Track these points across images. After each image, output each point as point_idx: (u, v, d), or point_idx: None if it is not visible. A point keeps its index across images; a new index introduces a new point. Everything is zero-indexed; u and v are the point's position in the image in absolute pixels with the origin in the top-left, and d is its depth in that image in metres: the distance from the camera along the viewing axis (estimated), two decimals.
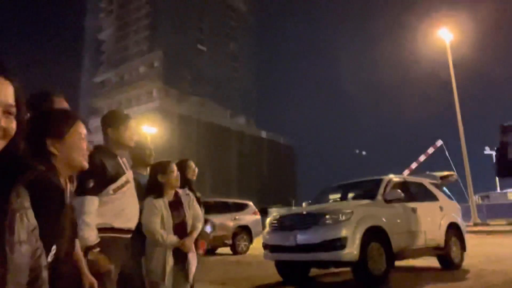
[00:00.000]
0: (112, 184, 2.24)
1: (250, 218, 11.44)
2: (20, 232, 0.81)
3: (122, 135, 2.38)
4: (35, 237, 0.90)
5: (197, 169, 3.53)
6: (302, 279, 5.86)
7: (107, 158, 2.30)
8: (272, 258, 5.71)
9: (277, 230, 5.63)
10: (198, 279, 5.59)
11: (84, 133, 1.33)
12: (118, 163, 2.35)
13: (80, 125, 1.32)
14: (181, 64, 64.75)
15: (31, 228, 0.88)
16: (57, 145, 1.25)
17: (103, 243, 2.16)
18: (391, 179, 6.16)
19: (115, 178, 2.26)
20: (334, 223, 4.99)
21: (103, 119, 2.45)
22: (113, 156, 2.35)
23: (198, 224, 2.72)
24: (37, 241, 0.91)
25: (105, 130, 2.41)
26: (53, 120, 1.28)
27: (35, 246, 0.89)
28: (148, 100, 62.27)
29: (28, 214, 0.88)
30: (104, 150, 2.38)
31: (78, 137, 1.30)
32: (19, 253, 0.79)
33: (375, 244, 5.05)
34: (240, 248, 10.84)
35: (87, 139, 1.34)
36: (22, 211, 0.85)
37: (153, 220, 2.47)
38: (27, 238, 0.84)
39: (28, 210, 0.88)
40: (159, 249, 2.48)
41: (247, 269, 7.37)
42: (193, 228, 2.67)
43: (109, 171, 2.26)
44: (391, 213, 5.54)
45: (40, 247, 0.92)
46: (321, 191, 7.29)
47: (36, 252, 0.90)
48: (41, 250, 0.92)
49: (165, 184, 2.59)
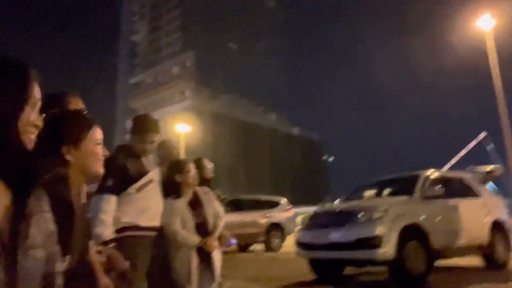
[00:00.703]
0: (135, 184, 2.27)
1: (283, 216, 11.37)
2: (35, 237, 0.80)
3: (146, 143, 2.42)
4: (51, 242, 0.88)
5: (212, 165, 3.49)
6: (337, 278, 5.74)
7: (130, 157, 2.33)
8: (305, 255, 5.64)
9: (310, 228, 5.55)
10: (231, 276, 5.63)
11: (100, 138, 1.29)
12: (142, 162, 2.38)
13: (96, 130, 1.29)
14: (212, 63, 65.55)
15: (48, 232, 0.86)
16: (72, 152, 1.22)
17: (129, 242, 2.19)
18: (430, 174, 5.90)
19: (137, 178, 2.29)
20: (368, 221, 4.84)
21: (136, 121, 2.49)
22: (136, 156, 2.39)
23: (219, 222, 2.70)
24: (53, 246, 0.89)
25: (133, 132, 2.46)
26: (69, 126, 1.25)
27: (51, 251, 0.88)
28: (181, 99, 63.51)
29: (46, 218, 0.86)
30: (127, 150, 2.42)
31: (93, 143, 1.26)
32: (32, 258, 0.78)
33: (412, 243, 4.85)
34: (273, 245, 10.81)
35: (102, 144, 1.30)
36: (40, 215, 0.84)
37: (173, 220, 2.46)
38: (43, 242, 0.82)
39: (47, 214, 0.87)
40: (182, 250, 2.47)
41: (280, 267, 7.32)
42: (214, 226, 2.65)
43: (131, 171, 2.29)
44: (429, 211, 5.31)
45: (56, 253, 0.90)
46: (355, 187, 7.11)
47: (52, 257, 0.88)
48: (57, 256, 0.91)
49: (182, 184, 2.57)
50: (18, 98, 0.76)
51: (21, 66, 0.79)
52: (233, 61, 69.62)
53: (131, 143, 2.46)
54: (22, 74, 0.78)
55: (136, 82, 72.89)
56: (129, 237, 2.21)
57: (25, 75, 0.78)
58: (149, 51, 71.61)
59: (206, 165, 3.36)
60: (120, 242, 2.21)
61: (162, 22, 70.89)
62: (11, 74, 0.76)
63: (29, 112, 0.78)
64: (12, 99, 0.74)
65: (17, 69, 0.78)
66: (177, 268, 2.45)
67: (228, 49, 70.23)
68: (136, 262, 2.18)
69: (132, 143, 2.45)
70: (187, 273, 2.44)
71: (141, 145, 2.40)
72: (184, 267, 2.44)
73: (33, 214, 0.81)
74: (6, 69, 0.76)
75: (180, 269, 2.45)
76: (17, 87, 0.76)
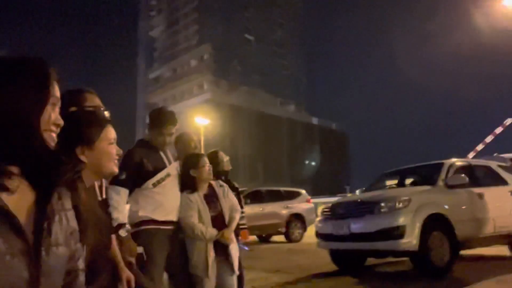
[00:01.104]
0: (152, 178, 2.29)
1: (303, 206, 11.36)
2: (58, 234, 0.81)
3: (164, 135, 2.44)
4: (74, 240, 0.89)
5: (228, 158, 3.46)
6: (358, 268, 5.69)
7: (148, 152, 2.36)
8: (325, 246, 5.60)
9: (329, 219, 5.50)
10: (251, 267, 5.66)
11: (114, 138, 1.29)
12: (160, 157, 2.40)
13: (110, 130, 1.29)
14: (229, 55, 65.56)
15: (70, 230, 0.86)
16: (86, 152, 1.22)
17: (146, 235, 2.21)
18: (454, 163, 5.73)
19: (154, 172, 2.31)
20: (390, 211, 4.75)
21: (151, 116, 2.51)
22: (155, 150, 2.40)
23: (235, 214, 2.70)
24: (75, 244, 0.89)
25: (150, 126, 2.48)
26: (83, 127, 1.25)
27: (74, 249, 0.88)
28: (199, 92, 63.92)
29: (68, 215, 0.87)
30: (146, 145, 2.44)
31: (107, 143, 1.26)
32: (55, 255, 0.78)
33: (437, 233, 4.75)
34: (294, 236, 10.82)
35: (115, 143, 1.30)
36: (62, 212, 0.84)
37: (190, 214, 2.47)
38: (65, 240, 0.83)
39: (69, 211, 0.87)
40: (199, 243, 2.48)
41: (301, 257, 7.31)
42: (231, 219, 2.64)
43: (148, 166, 2.30)
44: (454, 200, 5.17)
45: (78, 250, 0.91)
46: (376, 177, 6.99)
47: (74, 255, 0.88)
48: (79, 253, 0.91)
49: (197, 178, 2.57)
50: (38, 98, 0.76)
51: (41, 66, 0.79)
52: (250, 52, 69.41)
53: (149, 138, 2.48)
54: (42, 73, 0.79)
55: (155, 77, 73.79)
56: (145, 230, 2.24)
57: (46, 74, 0.79)
58: (167, 46, 72.23)
59: (222, 158, 3.34)
60: (137, 236, 2.24)
61: (179, 15, 71.23)
62: (32, 73, 0.77)
63: (50, 111, 0.79)
64: (33, 99, 0.75)
65: (38, 69, 0.78)
66: (195, 261, 2.47)
67: (245, 40, 69.99)
68: (154, 255, 2.21)
69: (151, 138, 2.46)
70: (205, 266, 2.45)
71: (160, 138, 2.41)
72: (201, 260, 2.45)
73: (55, 212, 0.82)
74: (27, 69, 0.77)
75: (197, 262, 2.46)
76: (38, 86, 0.77)
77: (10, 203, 0.71)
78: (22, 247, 0.71)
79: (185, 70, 69.02)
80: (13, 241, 0.70)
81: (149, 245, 2.22)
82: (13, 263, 0.69)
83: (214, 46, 64.56)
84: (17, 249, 0.70)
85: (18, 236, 0.71)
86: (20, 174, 0.76)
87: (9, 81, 0.74)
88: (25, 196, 0.77)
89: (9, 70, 0.75)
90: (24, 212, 0.75)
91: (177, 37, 71.53)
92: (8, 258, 0.68)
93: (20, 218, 0.72)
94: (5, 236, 0.69)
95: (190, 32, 69.12)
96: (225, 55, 65.03)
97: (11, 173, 0.74)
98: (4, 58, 0.77)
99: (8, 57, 0.78)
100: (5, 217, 0.70)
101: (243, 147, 56.10)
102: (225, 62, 65.03)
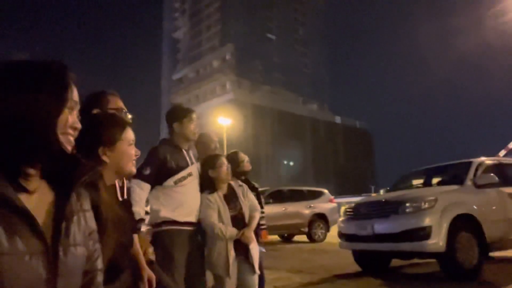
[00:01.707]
0: (173, 176, 2.30)
1: (326, 206, 11.23)
2: (76, 235, 0.82)
3: (187, 128, 2.44)
4: (92, 240, 0.90)
5: (247, 158, 3.44)
6: (383, 270, 5.57)
7: (171, 151, 2.38)
8: (347, 247, 5.52)
9: (353, 219, 5.41)
10: (274, 267, 5.64)
11: (133, 139, 1.36)
12: (183, 156, 2.41)
13: (129, 131, 1.35)
14: (251, 54, 65.67)
15: (88, 231, 0.88)
16: (108, 153, 1.29)
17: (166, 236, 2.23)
18: (483, 161, 5.53)
19: (175, 171, 2.32)
20: (415, 211, 4.62)
21: (168, 115, 2.53)
22: (178, 149, 2.42)
23: (255, 213, 2.69)
24: (94, 244, 0.91)
25: (171, 125, 2.49)
26: (105, 128, 1.31)
27: (92, 249, 0.89)
28: (222, 92, 64.37)
29: (87, 216, 0.88)
30: (169, 143, 2.46)
31: (127, 144, 1.33)
32: (73, 256, 0.79)
33: (465, 234, 4.60)
34: (316, 236, 10.72)
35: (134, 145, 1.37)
36: (81, 213, 0.86)
37: (210, 214, 2.47)
38: (83, 241, 0.84)
39: (87, 212, 0.89)
40: (220, 243, 2.48)
41: (324, 258, 7.24)
42: (250, 218, 2.64)
43: (171, 163, 2.32)
44: (483, 200, 4.98)
45: (97, 250, 0.92)
46: (402, 176, 6.82)
47: (93, 255, 0.90)
48: (98, 254, 0.92)
49: (216, 178, 2.58)
50: (57, 102, 0.78)
51: (60, 70, 0.80)
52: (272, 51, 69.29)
53: (172, 138, 2.50)
54: (61, 78, 0.80)
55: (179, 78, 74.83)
56: (167, 231, 2.26)
57: (64, 79, 0.80)
58: (190, 46, 73.12)
59: (242, 159, 3.33)
60: (158, 236, 2.26)
61: (202, 16, 71.98)
62: (51, 78, 0.78)
63: (67, 115, 0.80)
64: (51, 103, 0.77)
65: (57, 73, 0.80)
66: (215, 261, 2.47)
67: (267, 39, 69.93)
68: (174, 256, 2.23)
69: (172, 137, 2.48)
70: (226, 266, 2.45)
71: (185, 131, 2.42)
72: (222, 260, 2.45)
73: (74, 213, 0.83)
74: (46, 73, 0.78)
75: (218, 261, 2.46)
76: (57, 91, 0.78)
77: (29, 204, 0.73)
78: (41, 248, 0.73)
79: (207, 70, 69.67)
80: (32, 242, 0.72)
81: (170, 246, 2.24)
82: (32, 263, 0.70)
83: (236, 46, 64.86)
84: (35, 249, 0.72)
85: (37, 237, 0.72)
86: (38, 176, 0.78)
87: (29, 85, 0.76)
88: (44, 197, 0.79)
89: (29, 74, 0.77)
90: (43, 212, 0.77)
91: (200, 38, 72.29)
92: (27, 258, 0.70)
93: (39, 219, 0.74)
94: (25, 236, 0.71)
95: (213, 32, 69.71)
96: (247, 54, 65.20)
97: (29, 175, 0.76)
98: (25, 62, 0.79)
99: (29, 61, 0.80)
100: (24, 218, 0.71)
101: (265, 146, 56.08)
102: (247, 62, 65.18)
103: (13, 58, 0.80)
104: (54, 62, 0.81)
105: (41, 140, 0.75)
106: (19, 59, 0.80)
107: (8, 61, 0.79)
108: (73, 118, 0.82)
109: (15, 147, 0.73)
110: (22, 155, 0.75)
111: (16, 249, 0.69)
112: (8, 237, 0.68)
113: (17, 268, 0.68)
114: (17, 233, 0.70)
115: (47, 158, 0.77)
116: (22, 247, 0.70)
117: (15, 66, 0.78)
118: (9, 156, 0.73)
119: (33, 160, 0.76)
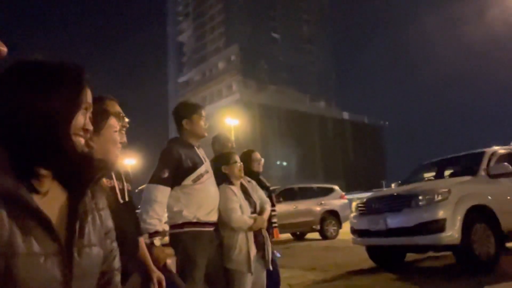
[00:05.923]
0: (191, 175, 2.25)
1: (337, 202, 11.17)
2: (91, 235, 0.81)
3: (197, 124, 2.36)
4: (109, 240, 0.89)
5: (263, 160, 3.40)
6: (398, 264, 5.52)
7: (184, 149, 2.30)
8: (361, 243, 5.47)
9: (365, 214, 5.36)
10: (287, 265, 5.62)
11: (117, 127, 1.46)
12: (196, 153, 2.35)
13: (113, 119, 1.46)
14: (256, 55, 65.68)
15: (104, 230, 0.87)
16: (94, 138, 1.34)
17: (190, 237, 2.19)
18: (496, 151, 5.43)
19: (193, 169, 2.25)
20: (429, 204, 4.57)
21: (176, 112, 2.44)
22: (190, 147, 2.36)
23: (266, 205, 2.69)
24: (112, 243, 0.90)
25: (180, 123, 2.39)
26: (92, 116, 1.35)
27: (109, 249, 0.88)
28: (228, 93, 64.46)
29: (102, 215, 0.87)
30: (180, 142, 2.38)
31: (112, 130, 1.44)
32: (88, 256, 0.78)
33: (480, 225, 4.52)
34: (329, 233, 10.66)
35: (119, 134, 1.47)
36: (95, 212, 0.85)
37: (234, 207, 2.43)
38: (99, 240, 0.83)
39: (103, 211, 0.88)
40: (241, 238, 2.44)
41: (337, 254, 7.19)
42: (262, 209, 2.64)
43: (188, 161, 2.25)
44: (498, 190, 4.90)
45: (114, 250, 0.91)
46: (413, 169, 6.74)
47: (110, 255, 0.89)
48: (115, 253, 0.91)
49: (229, 175, 2.56)
50: (72, 103, 0.78)
51: (77, 72, 0.80)
52: (277, 50, 69.20)
53: (182, 135, 2.42)
54: (77, 79, 0.80)
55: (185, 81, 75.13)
56: (188, 233, 2.21)
57: (79, 80, 0.80)
58: (195, 49, 73.40)
59: (254, 158, 3.31)
60: (179, 237, 2.21)
61: (206, 18, 72.20)
62: (65, 79, 0.78)
63: (81, 116, 0.79)
64: (67, 104, 0.76)
65: (73, 74, 0.79)
66: (236, 257, 2.42)
67: (271, 38, 69.85)
68: (196, 258, 2.17)
69: (182, 136, 2.40)
70: (247, 262, 2.41)
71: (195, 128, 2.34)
72: (243, 256, 2.42)
73: (88, 212, 0.82)
74: (61, 74, 0.78)
75: (238, 258, 2.42)
76: (70, 92, 0.78)
77: (42, 204, 0.72)
78: (56, 249, 0.72)
79: (213, 72, 69.84)
80: (47, 243, 0.71)
81: (191, 248, 2.17)
82: (47, 265, 0.70)
83: (241, 47, 64.90)
84: (50, 251, 0.71)
85: (52, 238, 0.72)
86: (51, 177, 0.78)
87: (45, 85, 0.75)
88: (56, 198, 0.79)
89: (46, 75, 0.76)
90: (56, 213, 0.76)
91: (204, 40, 72.51)
92: (42, 259, 0.69)
93: (53, 220, 0.73)
94: (40, 237, 0.70)
95: (217, 34, 69.85)
96: (252, 55, 65.21)
97: (41, 175, 0.75)
98: (42, 62, 0.79)
99: (46, 61, 0.79)
100: (39, 219, 0.71)
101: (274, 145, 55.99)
102: (253, 62, 65.19)
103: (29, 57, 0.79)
104: (72, 63, 0.81)
105: (55, 141, 0.75)
106: (35, 59, 0.79)
107: (25, 59, 0.78)
108: (86, 120, 0.82)
109: (28, 148, 0.73)
110: (35, 155, 0.74)
111: (31, 250, 0.68)
112: (24, 238, 0.68)
113: (32, 269, 0.67)
114: (32, 234, 0.69)
115: (60, 159, 0.76)
116: (37, 248, 0.69)
117: (31, 65, 0.78)
118: (22, 156, 0.73)
119: (46, 161, 0.75)
